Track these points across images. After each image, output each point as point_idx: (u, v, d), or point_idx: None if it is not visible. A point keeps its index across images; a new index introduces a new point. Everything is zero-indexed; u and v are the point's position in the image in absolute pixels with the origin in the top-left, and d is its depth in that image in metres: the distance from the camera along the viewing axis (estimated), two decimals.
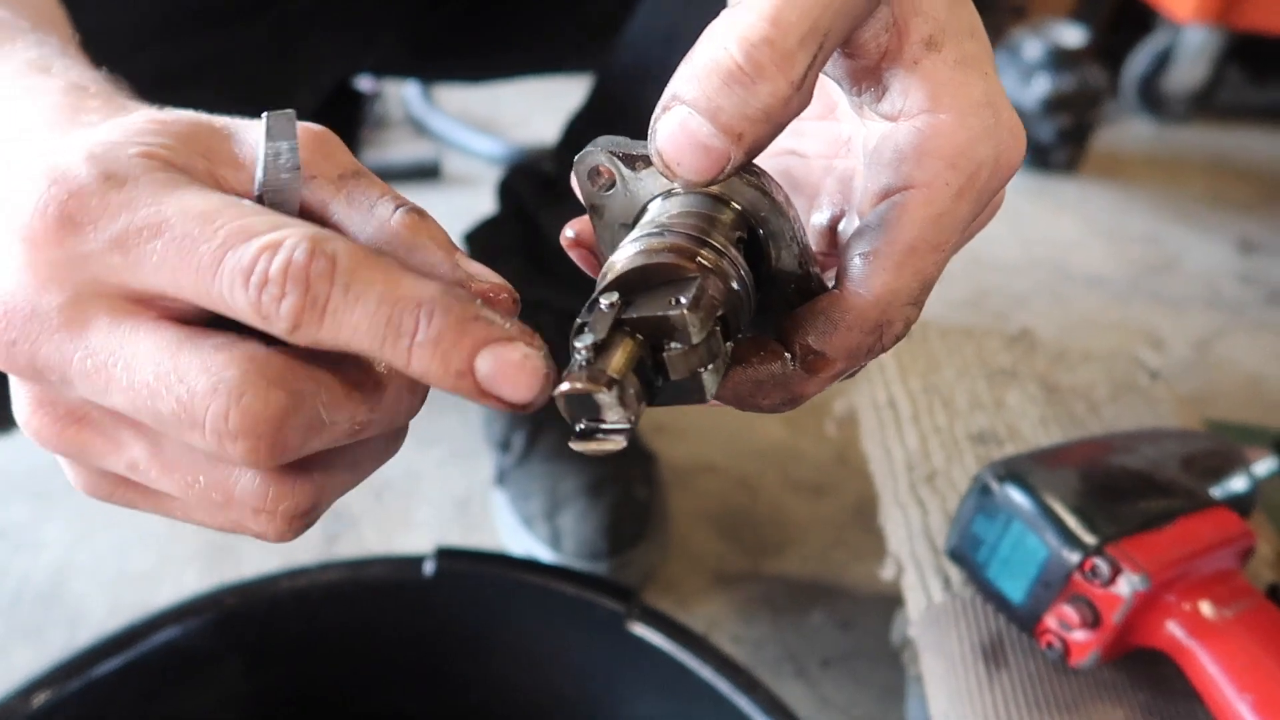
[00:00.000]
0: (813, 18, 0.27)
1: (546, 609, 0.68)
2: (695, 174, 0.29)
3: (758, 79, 0.27)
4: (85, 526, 0.93)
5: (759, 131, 0.28)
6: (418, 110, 1.76)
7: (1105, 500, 0.51)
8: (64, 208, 0.27)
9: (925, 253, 0.30)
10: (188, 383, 0.26)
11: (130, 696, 0.62)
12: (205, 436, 0.26)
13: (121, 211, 0.26)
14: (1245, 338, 1.43)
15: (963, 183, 0.30)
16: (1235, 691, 0.45)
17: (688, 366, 0.28)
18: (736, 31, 0.27)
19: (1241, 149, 2.10)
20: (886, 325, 0.30)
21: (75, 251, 0.27)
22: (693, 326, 0.27)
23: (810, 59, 0.27)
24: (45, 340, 0.27)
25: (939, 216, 0.30)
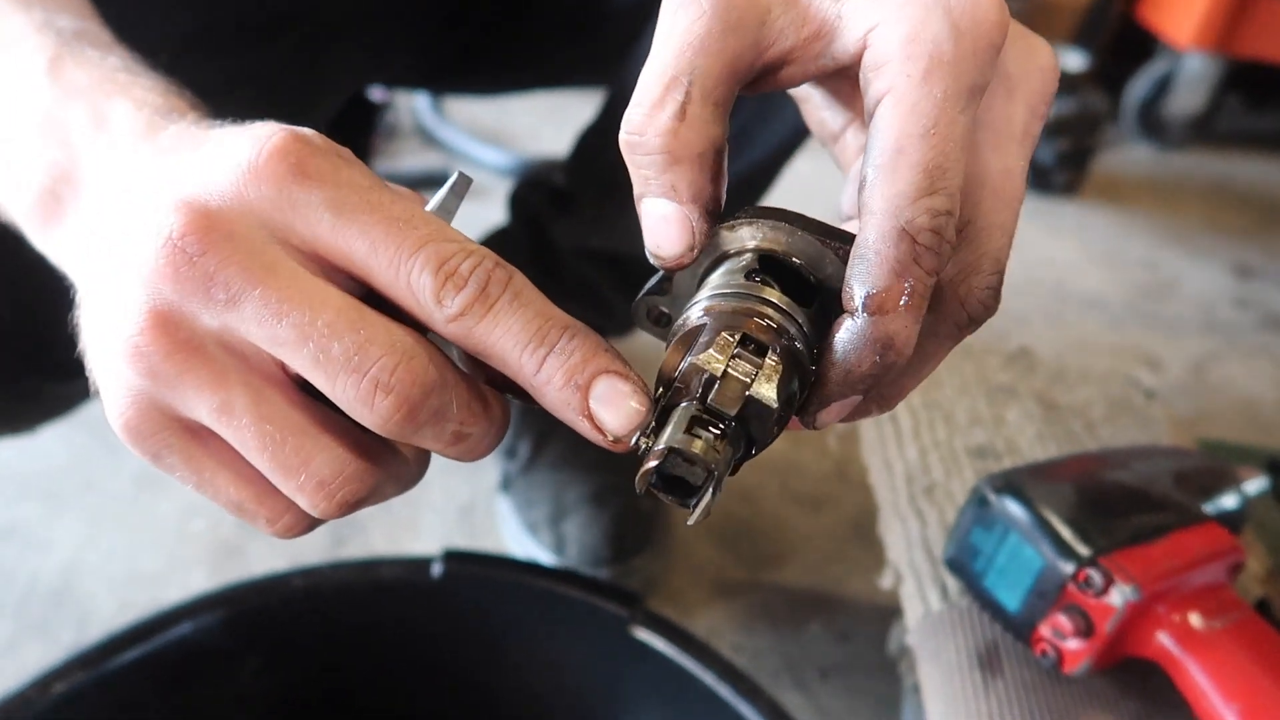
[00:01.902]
0: (666, 69, 0.30)
1: (551, 612, 0.69)
2: (675, 247, 0.32)
3: (643, 133, 0.30)
4: (94, 527, 0.94)
5: (681, 175, 0.31)
6: (427, 121, 1.78)
7: (1099, 513, 0.52)
8: (300, 156, 0.30)
9: (912, 145, 0.29)
10: (367, 333, 0.30)
11: (144, 691, 0.63)
12: (361, 382, 0.30)
13: (345, 181, 0.31)
14: (1240, 361, 1.45)
15: (924, 66, 0.29)
16: (1222, 701, 0.47)
17: (732, 396, 0.29)
18: (624, 120, 0.31)
19: (1239, 175, 2.13)
20: (909, 225, 0.29)
21: (295, 196, 0.30)
22: (706, 363, 0.30)
23: (682, 97, 0.30)
24: (239, 255, 0.30)
25: (914, 106, 0.29)
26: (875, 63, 0.30)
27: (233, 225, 0.30)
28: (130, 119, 0.35)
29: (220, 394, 0.30)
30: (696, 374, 0.29)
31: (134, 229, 0.31)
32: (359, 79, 0.92)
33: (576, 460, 0.92)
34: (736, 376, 0.29)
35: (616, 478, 0.92)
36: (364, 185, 0.31)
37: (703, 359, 0.29)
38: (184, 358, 0.30)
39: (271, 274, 0.30)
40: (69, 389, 0.64)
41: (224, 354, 0.31)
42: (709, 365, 0.29)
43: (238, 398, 0.31)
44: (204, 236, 0.30)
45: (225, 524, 0.96)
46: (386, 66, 0.93)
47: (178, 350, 0.30)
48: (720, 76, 0.31)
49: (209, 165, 0.31)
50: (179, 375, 0.30)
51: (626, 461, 0.97)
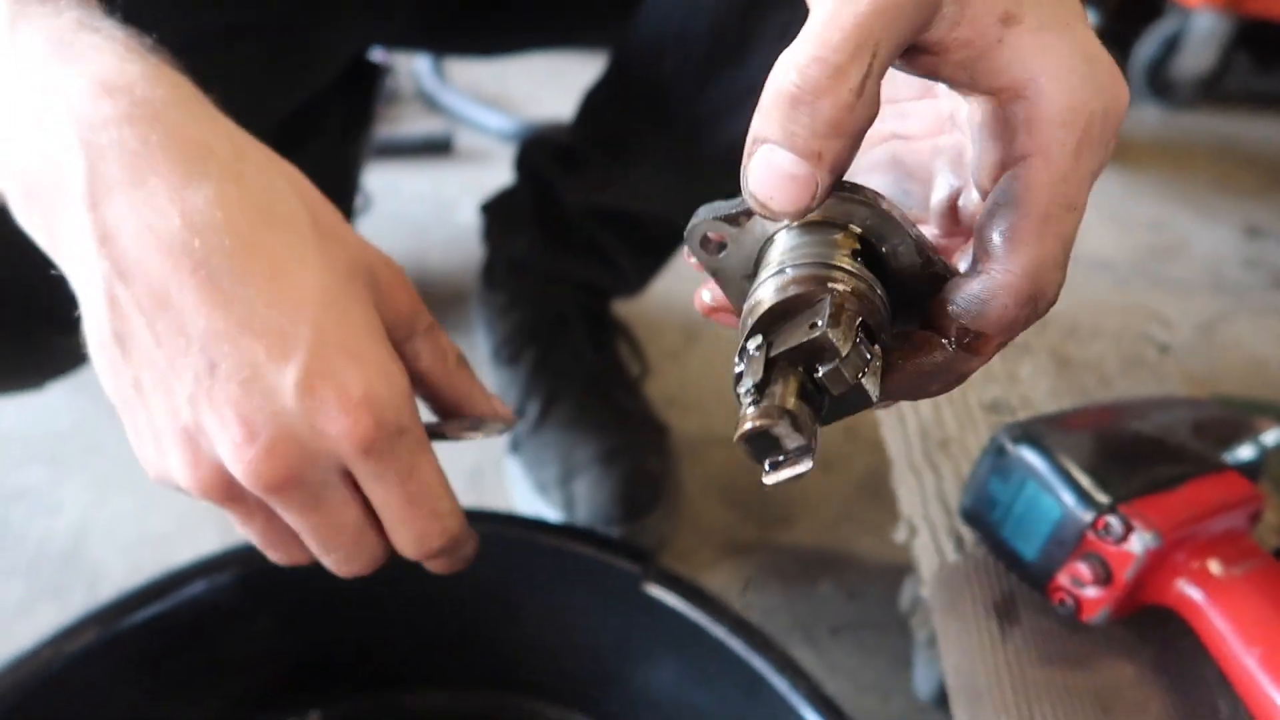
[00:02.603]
0: (859, 32, 0.29)
1: (563, 569, 0.69)
2: (789, 205, 0.30)
3: (817, 96, 0.29)
4: (102, 489, 0.94)
5: (835, 148, 0.30)
6: (429, 86, 1.77)
7: (1118, 462, 0.52)
8: (371, 445, 0.37)
9: (1060, 216, 0.31)
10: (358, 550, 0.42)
11: (158, 650, 0.63)
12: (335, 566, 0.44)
13: (396, 459, 0.38)
14: (1250, 321, 1.44)
15: (1078, 138, 0.30)
16: (1243, 646, 0.47)
17: (845, 380, 0.29)
18: (791, 59, 0.29)
19: (1249, 135, 2.11)
20: (1040, 295, 0.31)
21: (351, 463, 0.38)
22: (837, 340, 0.29)
23: (865, 68, 0.29)
24: (294, 496, 0.38)
25: (1064, 178, 0.30)
26: (1030, 117, 0.30)
27: (306, 471, 0.37)
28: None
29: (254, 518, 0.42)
30: (821, 347, 0.29)
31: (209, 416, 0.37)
32: (361, 36, 0.91)
33: (585, 420, 0.92)
34: (855, 362, 0.30)
35: (625, 438, 0.92)
36: (407, 464, 0.39)
37: (835, 335, 0.29)
38: (231, 504, 0.40)
39: (316, 505, 0.38)
40: (78, 341, 0.63)
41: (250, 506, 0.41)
42: (839, 343, 0.29)
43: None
44: (280, 483, 0.37)
45: None
46: (387, 23, 0.91)
47: (228, 501, 0.40)
48: (897, 50, 0.30)
49: (294, 398, 0.36)
50: (215, 500, 0.40)
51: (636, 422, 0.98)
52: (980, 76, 0.31)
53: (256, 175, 0.37)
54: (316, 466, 0.37)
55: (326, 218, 0.39)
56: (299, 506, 0.38)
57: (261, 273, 0.35)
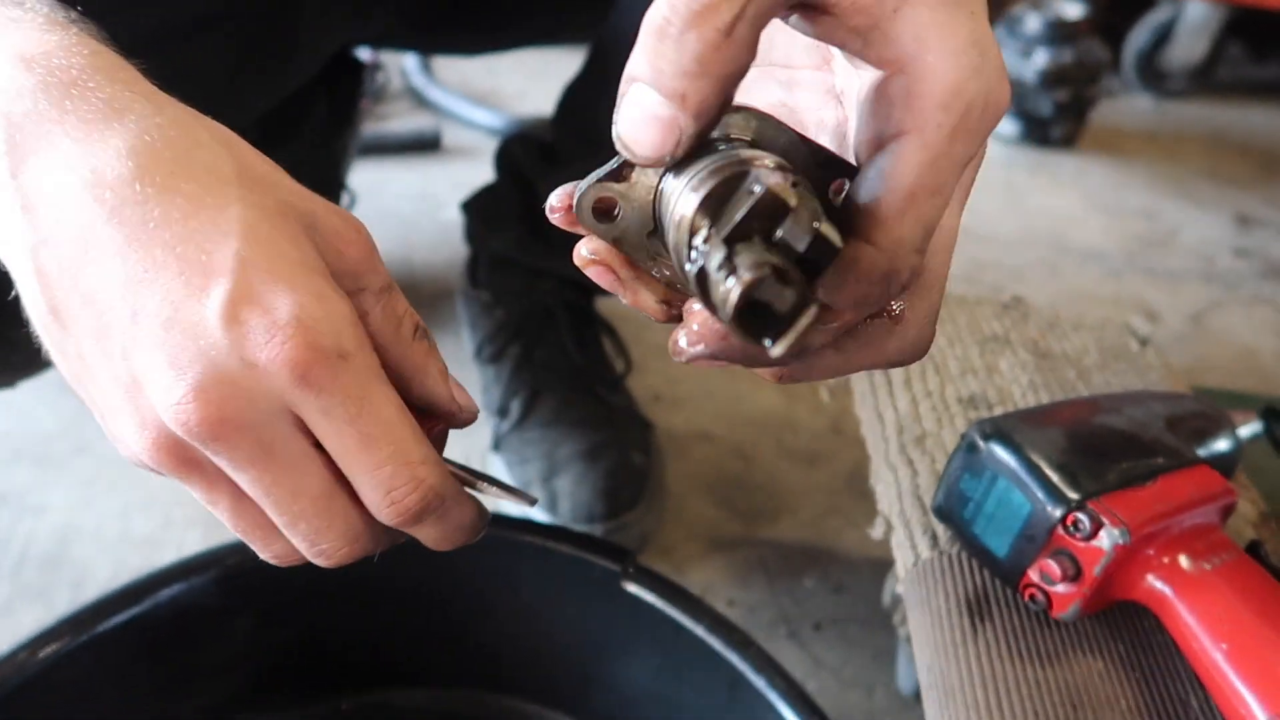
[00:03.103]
0: None
1: (543, 568, 0.69)
2: (652, 150, 0.29)
3: (684, 29, 0.28)
4: (88, 491, 0.94)
5: (701, 89, 0.28)
6: (418, 82, 1.77)
7: (1089, 458, 0.51)
8: (309, 370, 0.33)
9: (925, 198, 0.30)
10: (329, 520, 0.36)
11: (137, 652, 0.63)
12: (310, 549, 0.37)
13: (341, 388, 0.34)
14: (1240, 311, 1.44)
15: (955, 123, 0.29)
16: (1211, 641, 0.47)
17: (806, 227, 0.27)
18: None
19: (1240, 125, 2.10)
20: (893, 274, 0.30)
21: (292, 398, 0.34)
22: (781, 193, 0.27)
23: (738, 8, 0.28)
24: (239, 446, 0.34)
25: (935, 159, 0.30)
26: (910, 93, 0.30)
27: (242, 409, 0.33)
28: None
29: (216, 491, 0.36)
30: (771, 204, 0.27)
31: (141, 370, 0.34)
32: (341, 33, 0.90)
33: (569, 417, 0.92)
34: (807, 208, 0.27)
35: (609, 434, 0.92)
36: (355, 394, 0.34)
37: (777, 188, 0.27)
38: (188, 472, 0.35)
39: (269, 456, 0.34)
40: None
41: (211, 474, 0.36)
42: (785, 195, 0.27)
43: (252, 485, 0.35)
44: (213, 425, 0.33)
45: None
46: (369, 22, 0.91)
47: (184, 467, 0.35)
48: (776, 3, 0.29)
49: (221, 329, 0.33)
50: (175, 474, 0.36)
51: (619, 418, 0.97)
52: (872, 45, 0.30)
53: (173, 127, 0.35)
54: (256, 407, 0.33)
55: (257, 166, 0.36)
56: (248, 460, 0.34)
57: (178, 214, 0.33)
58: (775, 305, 0.27)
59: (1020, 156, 1.85)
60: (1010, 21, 1.87)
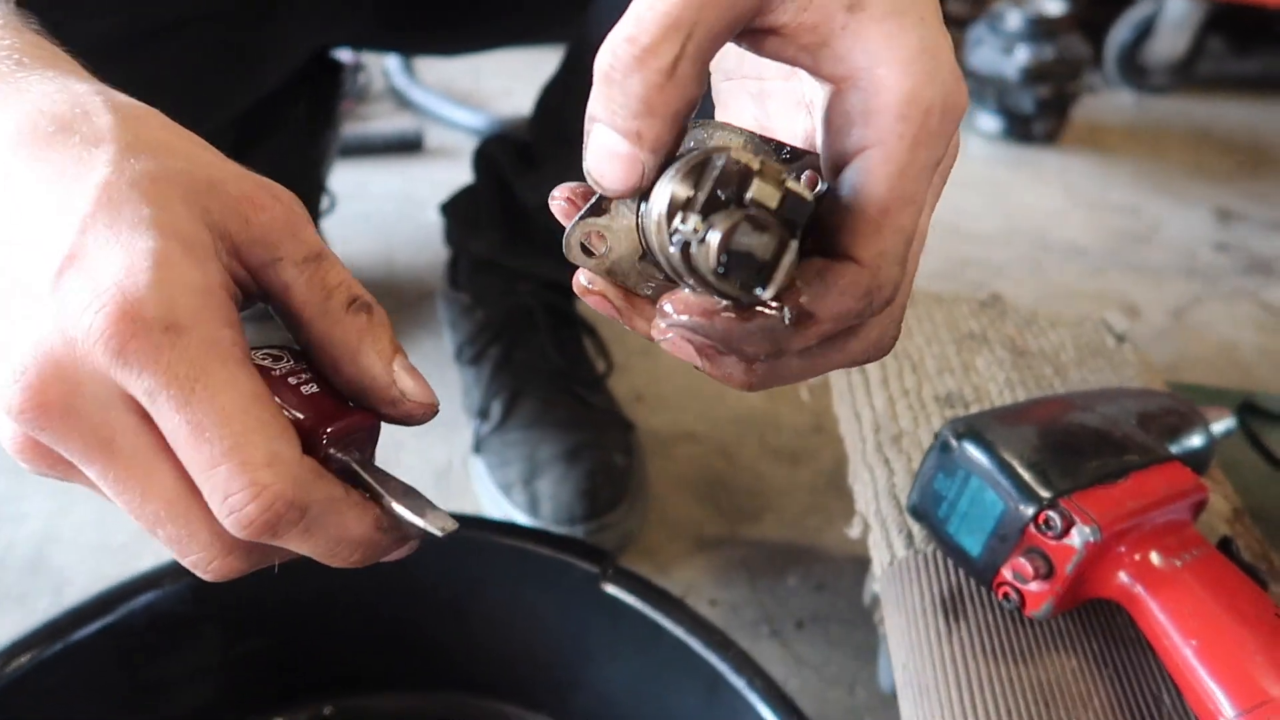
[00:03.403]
0: (672, 13, 0.28)
1: (522, 571, 0.69)
2: (619, 183, 0.30)
3: (626, 75, 0.29)
4: (66, 499, 0.94)
5: (653, 126, 0.29)
6: (399, 83, 1.76)
7: (1061, 456, 0.52)
8: (124, 344, 0.29)
9: (900, 209, 0.30)
10: (188, 530, 0.31)
11: (111, 660, 0.63)
12: (181, 558, 0.33)
13: (164, 368, 0.29)
14: (1221, 305, 1.45)
15: (915, 132, 0.30)
16: (1181, 637, 0.47)
17: (774, 188, 0.28)
18: (608, 40, 0.29)
19: (1222, 119, 2.11)
20: (876, 290, 0.31)
21: (117, 377, 0.29)
22: (744, 159, 0.28)
23: (676, 49, 0.28)
24: (76, 431, 0.30)
25: (903, 170, 0.30)
26: (867, 107, 0.30)
27: (70, 395, 0.29)
28: None
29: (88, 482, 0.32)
30: (733, 170, 0.28)
31: None
32: (316, 35, 0.90)
33: (549, 418, 0.92)
34: (773, 169, 0.28)
35: (590, 435, 0.92)
36: (183, 374, 0.29)
37: (740, 155, 0.28)
38: (47, 469, 0.32)
39: (109, 451, 0.30)
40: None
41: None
42: (744, 159, 0.28)
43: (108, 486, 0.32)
44: (42, 412, 0.29)
45: None
46: (345, 21, 0.91)
47: (49, 464, 0.32)
48: (718, 35, 0.30)
49: (42, 301, 0.30)
50: (49, 469, 0.32)
51: (600, 419, 0.96)
52: (823, 62, 0.31)
53: (68, 101, 0.33)
54: (84, 390, 0.29)
55: (153, 135, 0.33)
56: (84, 453, 0.30)
57: (40, 184, 0.31)
58: (756, 252, 0.28)
59: (1003, 153, 1.86)
60: (992, 18, 1.88)
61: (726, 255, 0.28)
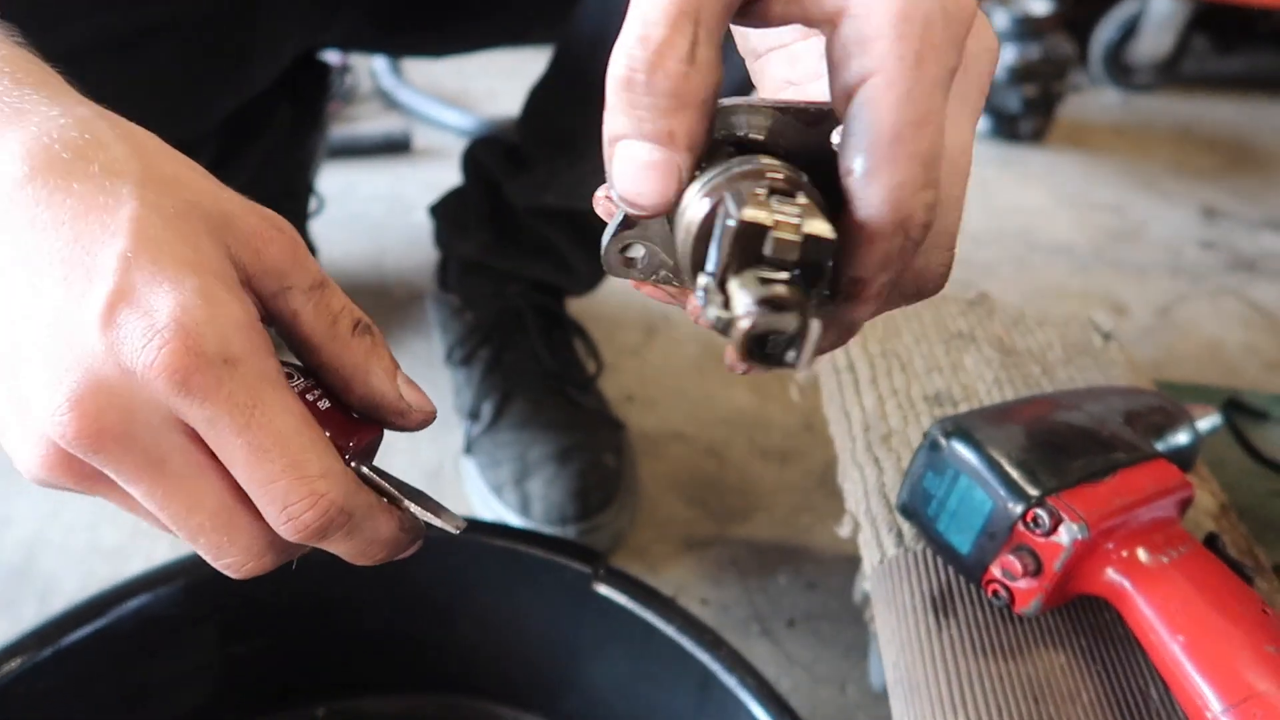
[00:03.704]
0: (674, 4, 0.28)
1: (515, 572, 0.69)
2: (658, 198, 0.29)
3: (650, 73, 0.28)
4: (55, 502, 0.93)
5: (685, 122, 0.29)
6: (387, 84, 1.76)
7: (1048, 454, 0.52)
8: (187, 377, 0.31)
9: (911, 134, 0.29)
10: (231, 536, 0.34)
11: (103, 665, 0.62)
12: (216, 561, 0.35)
13: (225, 397, 0.32)
14: (1206, 303, 1.46)
15: (916, 48, 0.28)
16: (1168, 633, 0.47)
17: (793, 238, 0.27)
18: (620, 47, 0.29)
19: (1206, 118, 2.13)
20: (907, 220, 0.29)
21: (179, 404, 0.31)
22: (752, 216, 0.27)
23: (691, 35, 0.28)
24: (129, 456, 0.32)
25: (908, 92, 0.28)
26: (860, 35, 0.28)
27: (122, 420, 0.31)
28: None
29: (130, 498, 0.34)
30: (746, 233, 0.27)
31: (20, 384, 0.32)
32: (303, 36, 0.90)
33: (540, 419, 0.92)
34: (786, 221, 0.27)
35: (580, 436, 0.92)
36: (243, 402, 0.32)
37: (747, 214, 0.27)
38: (87, 486, 0.34)
39: (158, 470, 0.32)
40: None
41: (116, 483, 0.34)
42: (756, 218, 0.27)
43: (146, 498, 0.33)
44: (92, 436, 0.31)
45: None
46: (332, 23, 0.90)
47: (84, 480, 0.33)
48: (723, 12, 0.29)
49: (97, 334, 0.31)
50: (80, 486, 0.34)
51: (591, 420, 0.96)
52: (810, 7, 0.30)
53: (76, 127, 0.34)
54: (137, 417, 0.31)
55: (164, 166, 0.35)
56: (135, 473, 0.32)
57: (66, 216, 0.32)
58: (784, 329, 0.27)
59: (989, 152, 1.87)
60: None
61: (754, 344, 0.27)
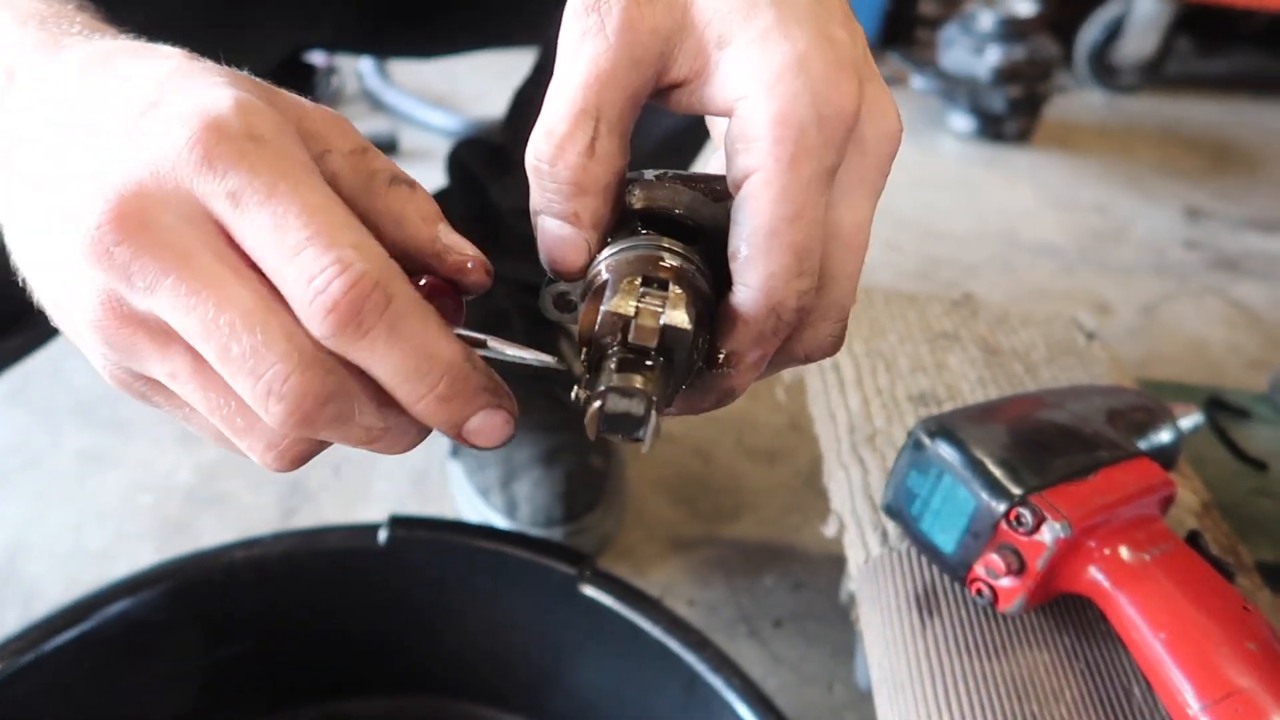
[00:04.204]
0: (577, 102, 0.32)
1: (500, 574, 0.69)
2: (572, 264, 0.33)
3: (552, 164, 0.32)
4: (39, 506, 0.93)
5: (586, 205, 0.32)
6: (374, 85, 1.75)
7: (1031, 453, 0.52)
8: (209, 150, 0.30)
9: (784, 229, 0.31)
10: (266, 338, 0.30)
11: (85, 670, 0.62)
12: (256, 385, 0.30)
13: (248, 168, 0.30)
14: (1190, 302, 1.47)
15: (791, 151, 0.31)
16: (1150, 631, 0.48)
17: (650, 326, 0.31)
18: (532, 137, 0.32)
19: (1190, 118, 2.14)
20: (780, 306, 0.32)
21: (200, 188, 0.30)
22: (619, 308, 0.32)
23: (590, 131, 0.32)
24: (154, 245, 0.30)
25: (782, 191, 0.31)
26: (744, 135, 0.31)
27: (150, 212, 0.30)
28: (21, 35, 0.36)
29: (166, 364, 0.32)
30: (612, 321, 0.31)
31: (63, 202, 0.32)
32: (290, 36, 0.89)
33: (526, 422, 0.92)
34: (648, 311, 0.31)
35: (566, 438, 0.92)
36: (267, 174, 0.30)
37: (614, 305, 0.31)
38: (128, 334, 0.31)
39: (185, 263, 0.30)
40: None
41: (167, 331, 0.31)
42: (620, 309, 0.31)
43: (179, 368, 0.32)
44: (120, 227, 0.30)
45: (172, 499, 0.94)
46: (319, 23, 0.90)
47: (123, 327, 0.31)
48: (625, 109, 0.32)
49: (127, 137, 0.31)
50: (129, 351, 0.32)
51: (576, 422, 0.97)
52: (710, 102, 0.33)
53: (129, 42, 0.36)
54: (165, 207, 0.30)
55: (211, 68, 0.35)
56: (161, 265, 0.30)
57: (123, 64, 0.33)
58: (631, 413, 0.30)
59: (975, 153, 1.88)
60: (964, 19, 1.89)
61: (605, 422, 0.31)
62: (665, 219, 0.34)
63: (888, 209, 1.57)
